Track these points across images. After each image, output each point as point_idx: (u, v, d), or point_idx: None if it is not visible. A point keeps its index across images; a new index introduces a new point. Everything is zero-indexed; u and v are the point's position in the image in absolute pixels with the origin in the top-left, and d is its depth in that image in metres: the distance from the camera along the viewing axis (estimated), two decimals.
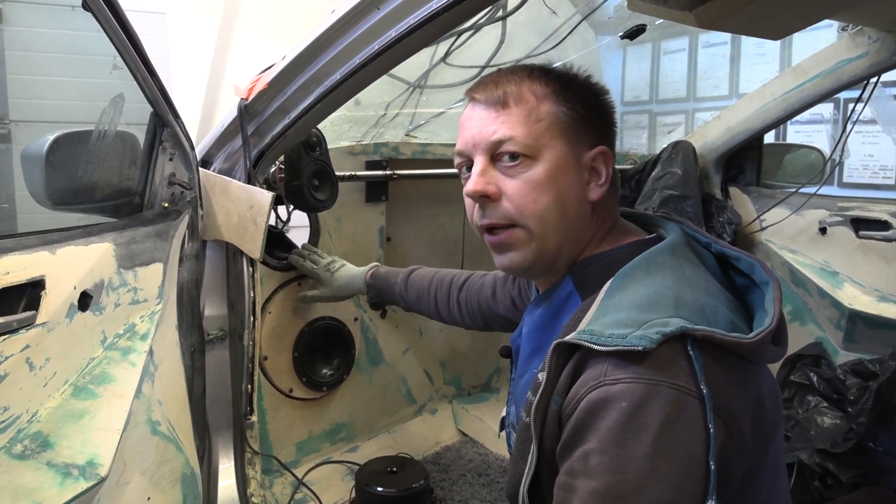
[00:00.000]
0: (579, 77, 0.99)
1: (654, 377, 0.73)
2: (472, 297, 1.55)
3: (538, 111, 0.93)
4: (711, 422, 0.72)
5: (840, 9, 1.47)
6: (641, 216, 1.06)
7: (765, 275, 0.90)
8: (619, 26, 2.32)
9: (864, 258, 2.10)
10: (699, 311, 0.80)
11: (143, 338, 1.08)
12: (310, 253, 1.78)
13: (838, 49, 1.95)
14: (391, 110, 2.32)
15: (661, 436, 0.71)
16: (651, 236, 0.98)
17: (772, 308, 0.83)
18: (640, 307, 0.80)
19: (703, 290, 0.84)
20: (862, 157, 3.39)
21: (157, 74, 1.21)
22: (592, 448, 0.74)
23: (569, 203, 0.94)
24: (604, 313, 0.82)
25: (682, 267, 0.87)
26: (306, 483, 1.79)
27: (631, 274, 0.87)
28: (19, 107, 3.73)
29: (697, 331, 0.75)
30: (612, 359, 0.76)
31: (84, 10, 1.05)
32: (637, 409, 0.72)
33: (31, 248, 0.87)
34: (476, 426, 2.23)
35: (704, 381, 0.73)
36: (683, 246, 0.92)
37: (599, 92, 1.00)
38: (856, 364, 1.98)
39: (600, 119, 0.98)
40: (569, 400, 0.79)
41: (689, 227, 1.00)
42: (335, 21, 1.15)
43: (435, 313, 1.63)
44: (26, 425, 0.84)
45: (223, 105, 2.68)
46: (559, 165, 0.93)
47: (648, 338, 0.74)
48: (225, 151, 1.47)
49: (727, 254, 0.95)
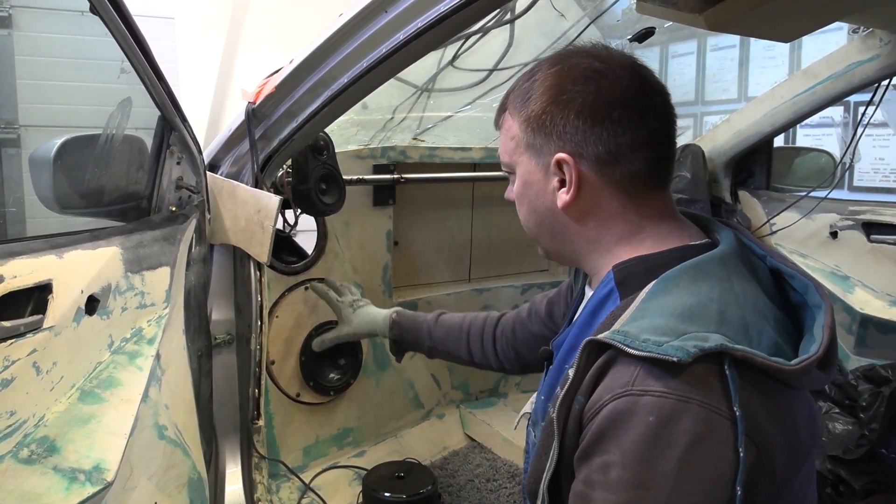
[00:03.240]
0: (539, 81, 0.94)
1: (685, 393, 0.70)
2: (507, 330, 1.48)
3: (512, 130, 0.97)
4: (742, 446, 0.69)
5: (851, 11, 1.46)
6: (699, 218, 1.01)
7: (818, 298, 0.85)
8: (628, 29, 2.31)
9: (876, 262, 2.08)
10: (742, 330, 0.76)
11: (150, 342, 1.08)
12: (340, 286, 1.75)
13: (849, 51, 1.93)
14: (399, 114, 2.31)
15: (688, 455, 0.69)
16: (703, 241, 0.93)
17: (820, 335, 0.79)
18: (681, 316, 0.76)
19: (750, 307, 0.80)
20: (873, 160, 3.36)
21: (164, 78, 1.21)
22: (614, 460, 0.71)
23: (542, 213, 0.97)
24: (642, 316, 0.79)
25: (731, 280, 0.83)
26: (313, 488, 1.79)
27: (676, 279, 0.82)
28: (28, 111, 3.76)
29: (737, 350, 0.72)
30: (644, 365, 0.73)
31: (92, 14, 1.05)
32: (665, 426, 0.69)
33: (38, 252, 0.87)
34: (484, 431, 2.22)
35: (738, 404, 0.70)
36: (736, 257, 0.87)
37: (563, 85, 0.91)
38: (868, 369, 1.96)
39: (555, 123, 0.91)
40: (592, 403, 0.76)
41: (746, 235, 0.95)
42: (343, 24, 1.14)
43: (466, 353, 1.54)
44: (33, 430, 0.84)
45: (231, 109, 2.68)
46: (525, 180, 0.97)
47: (685, 350, 0.70)
48: (232, 155, 1.47)
49: (782, 270, 0.90)
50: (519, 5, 2.01)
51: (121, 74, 1.24)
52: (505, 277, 2.50)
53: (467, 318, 1.56)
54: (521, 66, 2.23)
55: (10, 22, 3.68)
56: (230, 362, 1.53)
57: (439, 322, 1.57)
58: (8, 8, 3.67)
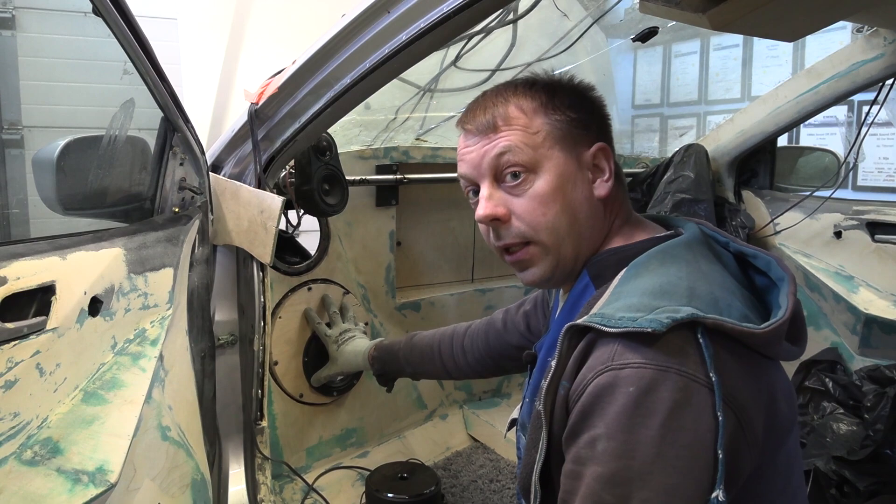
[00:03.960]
0: (563, 81, 1.00)
1: (662, 363, 0.73)
2: (479, 340, 1.51)
3: (531, 126, 0.95)
4: (720, 410, 0.72)
5: (855, 10, 1.45)
6: (661, 218, 1.06)
7: (780, 271, 0.89)
8: (631, 29, 2.31)
9: (881, 262, 2.08)
10: (712, 303, 0.79)
11: (153, 343, 1.08)
12: (333, 311, 1.81)
13: (853, 51, 1.93)
14: (401, 114, 2.31)
15: (668, 422, 0.71)
16: (668, 233, 0.98)
17: (786, 301, 0.83)
18: (653, 294, 0.80)
19: (718, 284, 0.84)
20: (877, 159, 3.35)
21: (167, 79, 1.21)
22: (600, 433, 0.73)
23: (577, 207, 0.95)
24: (616, 298, 0.82)
25: (697, 261, 0.87)
26: (316, 488, 1.79)
27: (646, 263, 0.87)
28: (31, 112, 3.76)
29: (708, 319, 0.75)
30: (622, 341, 0.75)
31: (95, 15, 1.05)
32: (645, 394, 0.72)
33: (41, 254, 0.87)
34: (487, 431, 2.22)
35: (714, 370, 0.73)
36: (700, 243, 0.92)
37: (586, 90, 1.01)
38: (872, 370, 1.96)
39: (592, 117, 0.99)
40: (576, 385, 0.78)
41: (708, 226, 1.00)
42: (345, 25, 1.14)
43: (442, 370, 1.57)
44: (36, 431, 0.84)
45: (233, 110, 2.69)
46: (561, 173, 0.94)
47: (659, 321, 0.73)
48: (235, 156, 1.47)
49: (745, 252, 0.95)
50: (522, 5, 2.01)
51: (124, 75, 1.24)
52: (508, 278, 2.50)
53: (436, 337, 1.59)
54: (524, 66, 2.23)
55: (13, 23, 3.69)
56: (233, 363, 1.52)
57: (413, 347, 1.60)
58: (11, 9, 3.68)
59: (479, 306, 2.38)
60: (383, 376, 1.66)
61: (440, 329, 1.61)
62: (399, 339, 1.65)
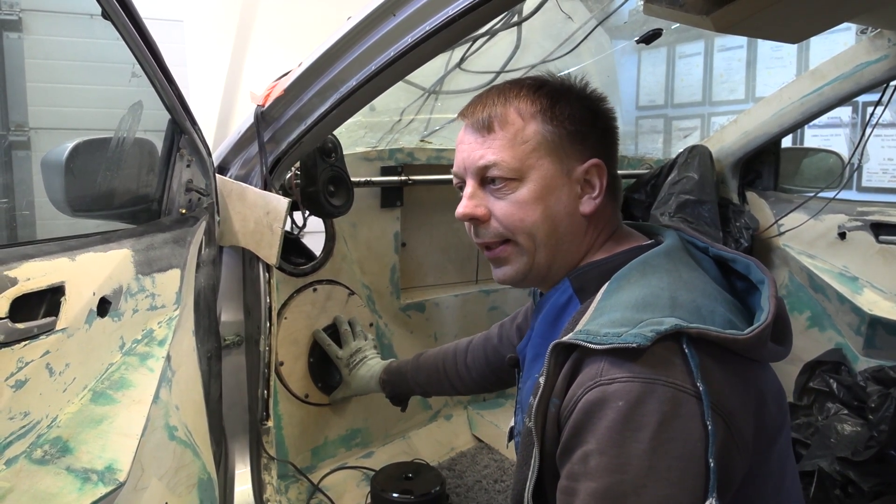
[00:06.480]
0: (574, 88, 0.99)
1: (649, 375, 0.74)
2: (479, 356, 1.53)
3: (524, 133, 0.95)
4: (709, 419, 0.72)
5: (859, 11, 1.45)
6: (642, 226, 1.06)
7: (760, 273, 0.90)
8: (635, 31, 2.32)
9: (885, 263, 2.07)
10: (695, 312, 0.80)
11: (160, 343, 1.08)
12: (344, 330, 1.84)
13: (857, 52, 1.93)
14: (406, 116, 2.32)
15: (658, 434, 0.72)
16: (649, 242, 0.99)
17: (767, 304, 0.84)
18: (636, 307, 0.80)
19: (699, 291, 0.85)
20: (881, 161, 3.34)
21: (174, 82, 1.22)
22: (591, 449, 0.74)
23: (558, 219, 0.95)
24: (600, 314, 0.83)
25: (678, 270, 0.88)
26: (322, 488, 1.79)
27: (627, 276, 0.88)
28: (39, 114, 3.78)
29: (692, 328, 0.76)
30: (608, 357, 0.76)
31: (103, 18, 1.06)
32: (634, 408, 0.73)
33: (51, 255, 0.88)
34: (491, 432, 2.22)
35: (701, 379, 0.74)
36: (680, 250, 0.93)
37: (595, 101, 1.00)
38: (877, 371, 1.95)
39: (593, 131, 0.98)
40: (566, 402, 0.79)
41: (687, 232, 1.01)
42: (351, 28, 1.15)
43: (450, 387, 1.61)
44: (46, 430, 0.85)
45: (240, 112, 2.70)
46: (546, 185, 0.94)
47: (643, 335, 0.74)
48: (241, 158, 1.48)
49: (724, 256, 0.96)
50: (526, 8, 2.02)
51: (131, 78, 1.25)
52: None
53: (440, 356, 1.62)
54: (529, 67, 2.24)
55: (20, 25, 3.71)
56: (239, 364, 1.53)
57: (419, 368, 1.64)
58: (18, 12, 3.69)
59: (484, 307, 2.38)
60: (395, 398, 1.71)
61: (443, 347, 1.64)
62: (407, 360, 1.69)
